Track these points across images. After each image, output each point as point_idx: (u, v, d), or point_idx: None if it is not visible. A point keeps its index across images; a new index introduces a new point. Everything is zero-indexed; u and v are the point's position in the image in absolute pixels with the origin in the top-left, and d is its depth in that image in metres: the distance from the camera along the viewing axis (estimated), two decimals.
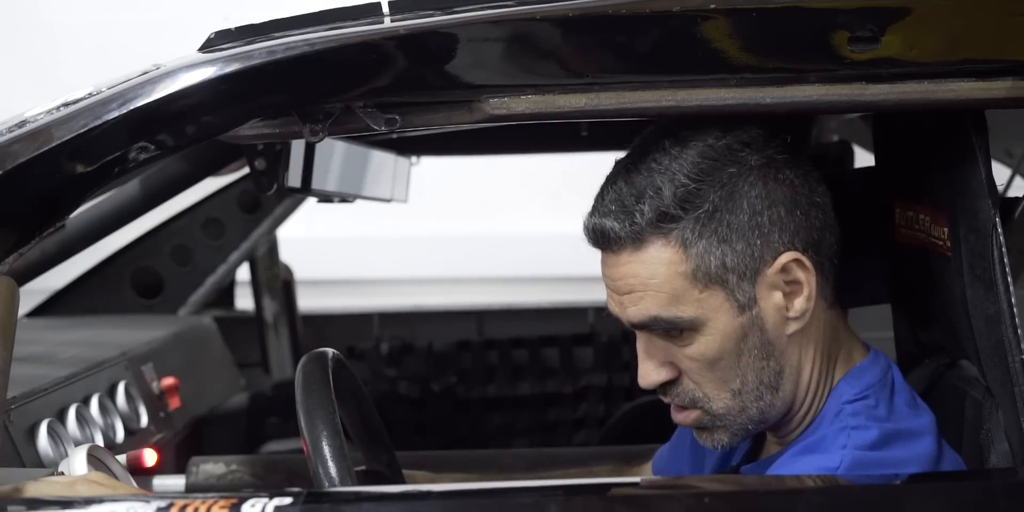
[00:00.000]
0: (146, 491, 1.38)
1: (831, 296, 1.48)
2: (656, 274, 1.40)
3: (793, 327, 1.43)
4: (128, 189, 2.67)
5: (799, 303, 1.42)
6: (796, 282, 1.42)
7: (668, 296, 1.40)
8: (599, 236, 1.42)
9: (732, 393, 1.43)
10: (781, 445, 1.52)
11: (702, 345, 1.41)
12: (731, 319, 1.41)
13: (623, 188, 1.41)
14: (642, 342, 1.46)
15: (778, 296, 1.42)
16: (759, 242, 1.40)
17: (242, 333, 3.18)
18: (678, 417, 1.48)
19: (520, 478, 2.02)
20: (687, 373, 1.44)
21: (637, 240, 1.40)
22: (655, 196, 1.38)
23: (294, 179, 2.05)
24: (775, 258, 1.41)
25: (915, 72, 1.33)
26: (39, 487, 1.32)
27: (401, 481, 1.70)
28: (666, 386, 1.46)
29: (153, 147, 1.35)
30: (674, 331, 1.42)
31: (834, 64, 1.32)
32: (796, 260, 1.41)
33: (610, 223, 1.40)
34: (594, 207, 1.43)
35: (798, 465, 1.39)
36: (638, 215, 1.39)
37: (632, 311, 1.42)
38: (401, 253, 4.85)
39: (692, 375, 1.44)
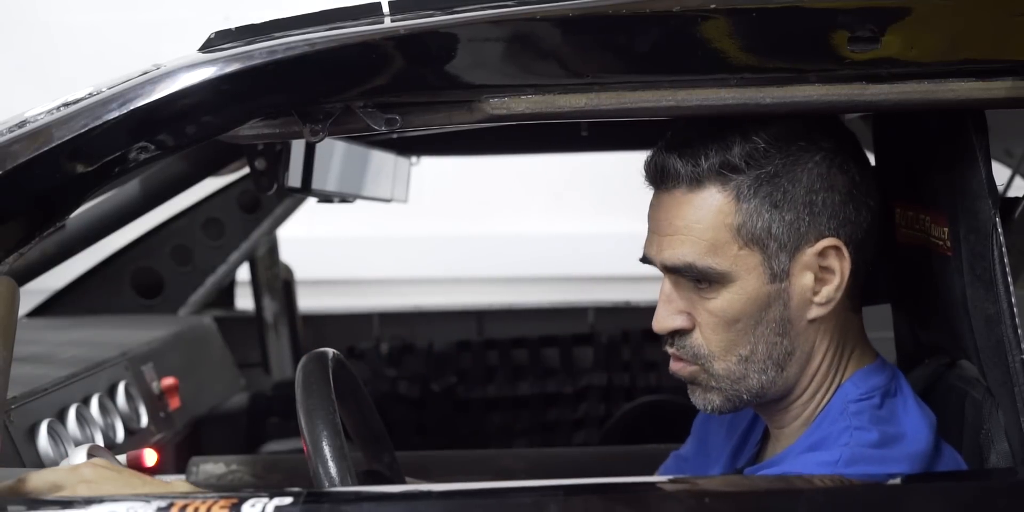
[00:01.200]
0: (149, 477, 1.37)
1: (855, 300, 1.50)
2: (702, 219, 1.42)
3: (815, 312, 1.45)
4: (128, 189, 2.68)
5: (827, 290, 1.44)
6: (830, 270, 1.44)
7: (708, 245, 1.42)
8: (658, 172, 1.45)
9: (739, 358, 1.45)
10: (780, 440, 1.54)
11: (725, 302, 1.43)
12: (760, 284, 1.43)
13: (695, 133, 1.44)
14: (667, 285, 1.48)
15: (809, 277, 1.44)
16: (807, 219, 1.42)
17: (242, 333, 3.18)
18: (675, 366, 1.49)
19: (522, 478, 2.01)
20: (701, 327, 1.46)
21: (695, 181, 1.43)
22: (725, 146, 1.41)
23: (294, 179, 2.05)
24: (817, 240, 1.43)
25: (915, 72, 1.33)
26: (43, 475, 1.33)
27: (401, 481, 1.70)
28: (675, 336, 1.48)
29: (153, 147, 1.35)
30: (703, 282, 1.44)
31: (834, 64, 1.32)
32: (836, 248, 1.43)
33: (673, 161, 1.43)
34: (659, 146, 1.46)
35: (800, 461, 1.40)
36: (703, 158, 1.42)
37: (668, 253, 1.45)
38: (401, 253, 4.84)
39: (705, 330, 1.45)
